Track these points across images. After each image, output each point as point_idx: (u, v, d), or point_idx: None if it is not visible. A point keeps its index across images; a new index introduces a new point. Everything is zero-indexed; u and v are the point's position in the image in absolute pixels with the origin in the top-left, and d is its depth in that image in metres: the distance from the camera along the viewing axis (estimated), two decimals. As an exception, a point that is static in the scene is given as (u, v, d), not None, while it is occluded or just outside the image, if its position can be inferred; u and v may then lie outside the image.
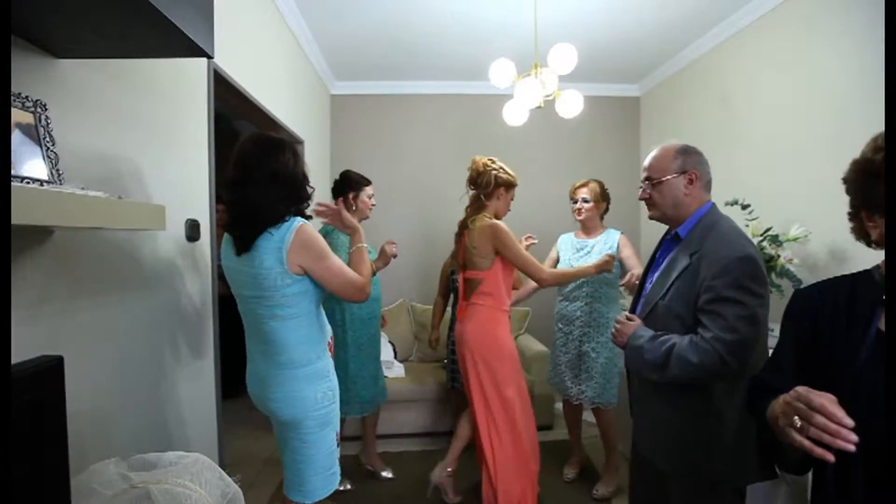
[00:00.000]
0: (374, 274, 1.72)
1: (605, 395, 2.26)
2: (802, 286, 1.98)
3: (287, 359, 1.30)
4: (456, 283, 2.69)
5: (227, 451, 1.84)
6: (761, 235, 2.10)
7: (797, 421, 0.69)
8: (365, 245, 1.48)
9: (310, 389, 1.31)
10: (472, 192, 2.05)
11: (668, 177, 1.26)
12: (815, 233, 2.10)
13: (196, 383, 1.63)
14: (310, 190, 1.35)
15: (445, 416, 2.97)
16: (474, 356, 1.93)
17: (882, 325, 0.72)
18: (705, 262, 1.15)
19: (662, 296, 1.23)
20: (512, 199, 2.08)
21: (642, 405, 1.35)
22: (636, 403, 1.39)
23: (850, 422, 0.63)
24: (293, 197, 1.31)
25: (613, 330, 1.32)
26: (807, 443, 0.67)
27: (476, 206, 2.03)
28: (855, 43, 1.98)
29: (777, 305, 2.16)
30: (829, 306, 0.81)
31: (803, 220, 2.12)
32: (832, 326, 0.79)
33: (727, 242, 1.17)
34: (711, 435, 1.19)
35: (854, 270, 2.23)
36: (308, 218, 1.34)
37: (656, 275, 1.30)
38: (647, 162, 1.31)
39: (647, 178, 1.30)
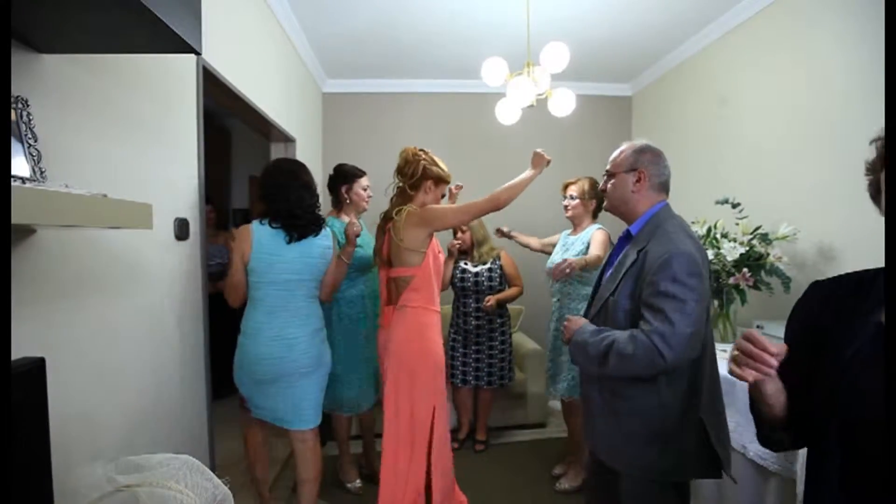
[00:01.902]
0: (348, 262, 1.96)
1: (575, 389, 2.22)
2: (791, 283, 2.02)
3: (319, 325, 1.80)
4: (457, 278, 2.67)
5: (218, 452, 1.82)
6: (751, 234, 2.12)
7: (732, 351, 0.79)
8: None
9: (324, 345, 1.81)
10: (398, 183, 1.87)
11: (620, 172, 1.32)
12: (804, 231, 2.12)
13: (185, 384, 1.61)
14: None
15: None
16: (398, 365, 1.74)
17: (882, 318, 0.72)
18: (648, 259, 1.20)
19: (613, 291, 1.27)
20: (443, 196, 1.92)
21: (589, 401, 1.37)
22: (583, 400, 1.42)
23: (772, 349, 0.73)
24: (316, 202, 1.79)
25: (562, 327, 1.37)
26: (732, 366, 0.78)
27: (402, 198, 1.84)
28: (851, 42, 2.00)
29: (767, 303, 2.21)
30: (841, 293, 0.81)
31: (792, 219, 2.15)
32: (837, 313, 0.79)
33: (668, 240, 1.21)
34: (658, 428, 1.21)
35: (843, 268, 2.26)
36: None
37: (608, 272, 1.35)
38: (610, 157, 1.38)
39: (606, 171, 1.38)
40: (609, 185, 1.36)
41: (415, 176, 1.81)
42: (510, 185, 1.83)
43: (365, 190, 2.26)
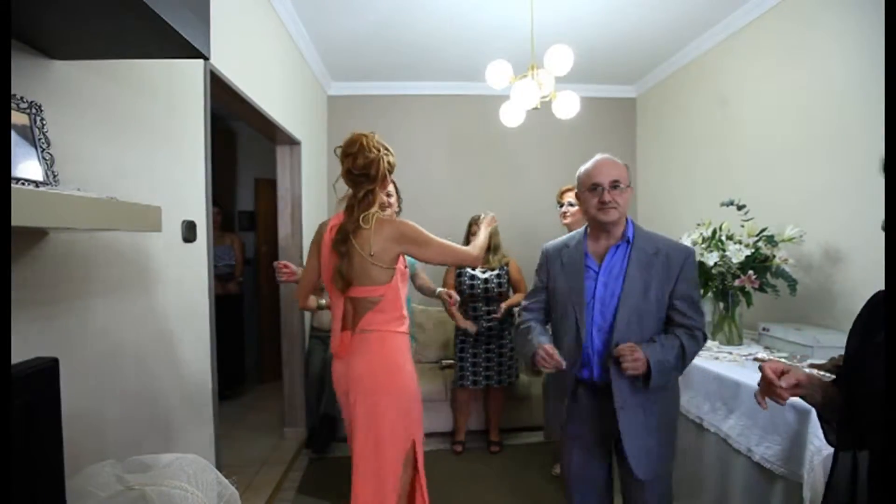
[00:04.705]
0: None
1: None
2: (796, 286, 2.01)
3: None
4: (466, 285, 2.69)
5: (224, 452, 1.84)
6: (756, 236, 2.11)
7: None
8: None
9: None
10: (351, 184, 1.50)
11: (628, 185, 1.40)
12: (810, 233, 2.11)
13: (192, 385, 1.62)
14: None
15: (444, 417, 2.97)
16: (373, 399, 1.44)
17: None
18: (674, 257, 1.38)
19: (643, 293, 1.36)
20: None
21: (627, 411, 1.36)
22: (622, 412, 1.37)
23: (781, 383, 0.89)
24: None
25: (628, 365, 1.28)
26: (758, 396, 0.96)
27: (367, 202, 1.47)
28: (852, 43, 2.00)
29: (773, 305, 2.20)
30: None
31: (798, 221, 2.14)
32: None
33: (667, 239, 1.44)
34: (675, 422, 1.45)
35: (849, 271, 2.26)
36: None
37: (618, 277, 1.39)
38: (612, 168, 1.39)
39: (616, 182, 1.38)
40: (620, 198, 1.38)
41: (378, 177, 1.47)
42: (481, 245, 1.65)
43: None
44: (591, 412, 1.43)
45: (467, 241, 2.77)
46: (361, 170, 1.45)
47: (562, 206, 2.37)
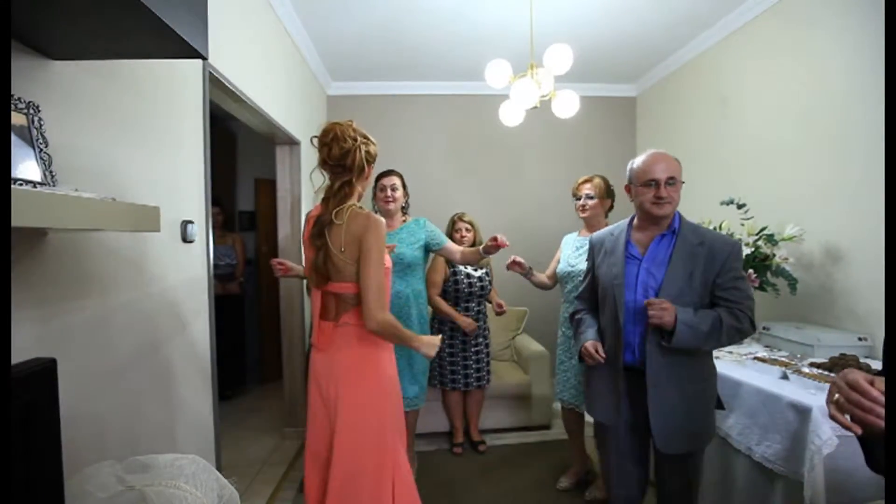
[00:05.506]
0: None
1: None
2: (797, 284, 2.01)
3: None
4: (463, 283, 2.64)
5: (224, 452, 1.84)
6: (756, 234, 2.11)
7: (836, 396, 0.75)
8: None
9: None
10: (329, 174, 1.44)
11: (680, 180, 1.44)
12: (810, 232, 2.11)
13: (192, 385, 1.62)
14: None
15: (442, 417, 2.97)
16: (348, 394, 1.38)
17: None
18: (718, 250, 1.41)
19: (686, 280, 1.40)
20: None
21: (660, 389, 1.41)
22: (653, 389, 1.41)
23: (881, 397, 0.69)
24: None
25: (655, 312, 1.33)
26: (835, 412, 0.74)
27: (343, 194, 1.40)
28: (853, 42, 2.00)
29: (773, 304, 2.20)
30: None
31: (798, 220, 2.13)
32: None
33: (714, 232, 1.49)
34: (709, 402, 1.48)
35: (850, 269, 2.25)
36: None
37: (662, 265, 1.44)
38: (668, 164, 1.43)
39: (672, 179, 1.42)
40: (677, 193, 1.44)
41: (354, 167, 1.40)
42: (396, 328, 1.39)
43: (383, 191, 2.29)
44: (631, 395, 1.48)
45: (450, 237, 2.64)
46: (337, 160, 1.40)
47: (579, 198, 2.24)
